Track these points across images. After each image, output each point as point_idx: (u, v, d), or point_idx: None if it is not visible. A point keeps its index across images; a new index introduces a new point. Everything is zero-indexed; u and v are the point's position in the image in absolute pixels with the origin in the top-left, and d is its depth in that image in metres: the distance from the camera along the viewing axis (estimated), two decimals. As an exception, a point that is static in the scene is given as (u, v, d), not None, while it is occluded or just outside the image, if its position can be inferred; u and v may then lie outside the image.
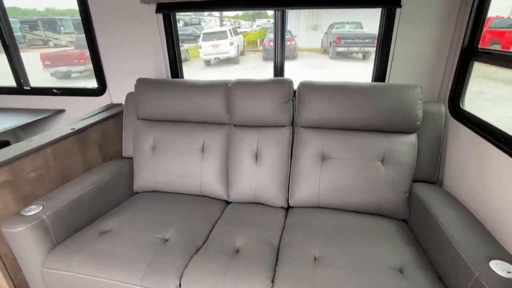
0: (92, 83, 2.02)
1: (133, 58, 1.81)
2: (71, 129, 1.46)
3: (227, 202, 1.51)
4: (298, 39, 11.22)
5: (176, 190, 1.51)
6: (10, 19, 2.00)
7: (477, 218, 1.04)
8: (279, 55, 1.63)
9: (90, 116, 1.67)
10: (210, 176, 1.45)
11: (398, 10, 1.38)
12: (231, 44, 9.72)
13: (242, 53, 11.26)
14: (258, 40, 13.04)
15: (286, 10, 1.52)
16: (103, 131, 1.67)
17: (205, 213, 1.35)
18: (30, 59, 10.55)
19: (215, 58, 10.03)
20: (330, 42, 10.23)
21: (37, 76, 9.38)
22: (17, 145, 1.25)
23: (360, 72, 8.37)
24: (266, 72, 8.90)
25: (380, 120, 1.29)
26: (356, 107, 1.29)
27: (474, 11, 1.20)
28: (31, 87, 2.14)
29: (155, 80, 1.54)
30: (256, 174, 1.40)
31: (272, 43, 9.93)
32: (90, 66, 1.91)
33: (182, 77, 1.89)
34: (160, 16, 1.66)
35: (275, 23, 1.56)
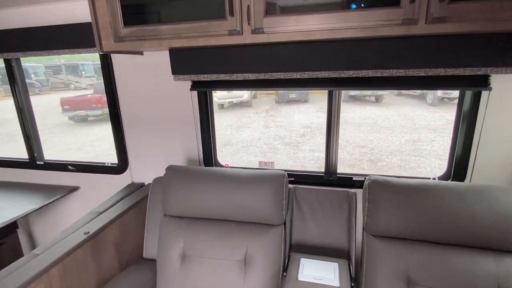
0: (108, 126, 1.87)
1: (162, 134, 1.69)
2: (85, 233, 1.24)
3: None
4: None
5: None
6: (36, 64, 1.96)
7: None
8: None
9: (108, 208, 1.47)
10: None
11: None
12: (245, 89, 10.00)
13: (254, 97, 11.53)
14: (270, 83, 13.42)
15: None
16: (122, 227, 1.44)
17: None
18: (52, 101, 11.15)
19: (228, 102, 10.26)
20: (342, 86, 10.40)
21: (55, 119, 9.73)
22: (15, 267, 1.05)
23: (373, 116, 8.36)
24: (279, 115, 8.97)
25: (482, 234, 1.03)
26: (445, 217, 1.05)
27: None
28: (44, 162, 2.01)
29: (188, 169, 1.35)
30: None
31: (284, 87, 10.44)
32: (107, 109, 1.78)
33: (216, 161, 1.75)
34: (194, 92, 1.59)
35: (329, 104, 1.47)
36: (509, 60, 1.11)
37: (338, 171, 1.59)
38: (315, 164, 5.57)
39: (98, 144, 7.36)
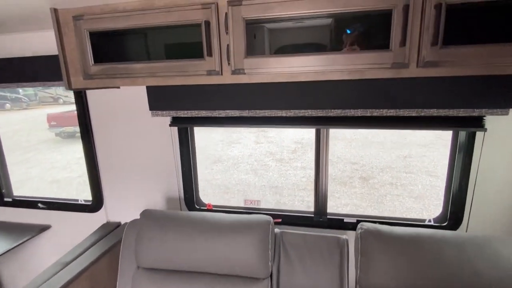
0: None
1: (139, 171, 1.58)
2: None
3: None
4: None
5: None
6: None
7: None
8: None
9: (77, 256, 1.33)
10: None
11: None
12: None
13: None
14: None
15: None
16: (92, 278, 1.30)
17: None
18: (39, 116, 10.89)
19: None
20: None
21: (41, 136, 9.49)
22: None
23: (364, 131, 8.40)
24: (270, 130, 8.92)
25: None
26: (444, 273, 0.98)
27: None
28: (13, 199, 1.87)
29: (165, 215, 1.25)
30: None
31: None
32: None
33: (198, 200, 1.65)
34: (174, 128, 1.49)
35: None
36: (505, 102, 1.06)
37: (328, 210, 1.50)
38: (306, 181, 5.49)
39: (84, 162, 7.15)
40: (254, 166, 6.44)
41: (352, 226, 1.40)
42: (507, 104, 1.06)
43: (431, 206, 4.62)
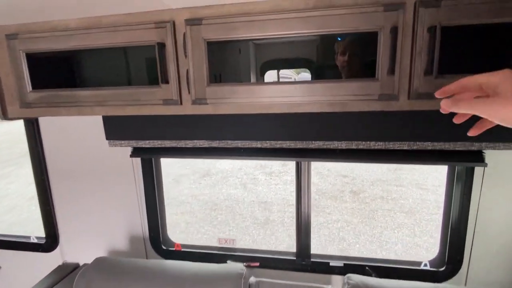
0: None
1: (99, 205, 1.41)
2: None
3: None
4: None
5: None
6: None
7: None
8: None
9: None
10: None
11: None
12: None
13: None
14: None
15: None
16: None
17: None
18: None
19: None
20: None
21: (25, 148, 9.11)
22: None
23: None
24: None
25: None
26: None
27: None
28: None
29: (120, 265, 1.09)
30: None
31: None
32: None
33: (165, 238, 1.48)
34: (137, 159, 1.33)
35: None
36: (507, 135, 0.93)
37: (312, 251, 1.32)
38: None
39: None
40: (243, 180, 6.27)
41: (339, 271, 1.25)
42: (510, 137, 0.94)
43: (423, 222, 4.52)
